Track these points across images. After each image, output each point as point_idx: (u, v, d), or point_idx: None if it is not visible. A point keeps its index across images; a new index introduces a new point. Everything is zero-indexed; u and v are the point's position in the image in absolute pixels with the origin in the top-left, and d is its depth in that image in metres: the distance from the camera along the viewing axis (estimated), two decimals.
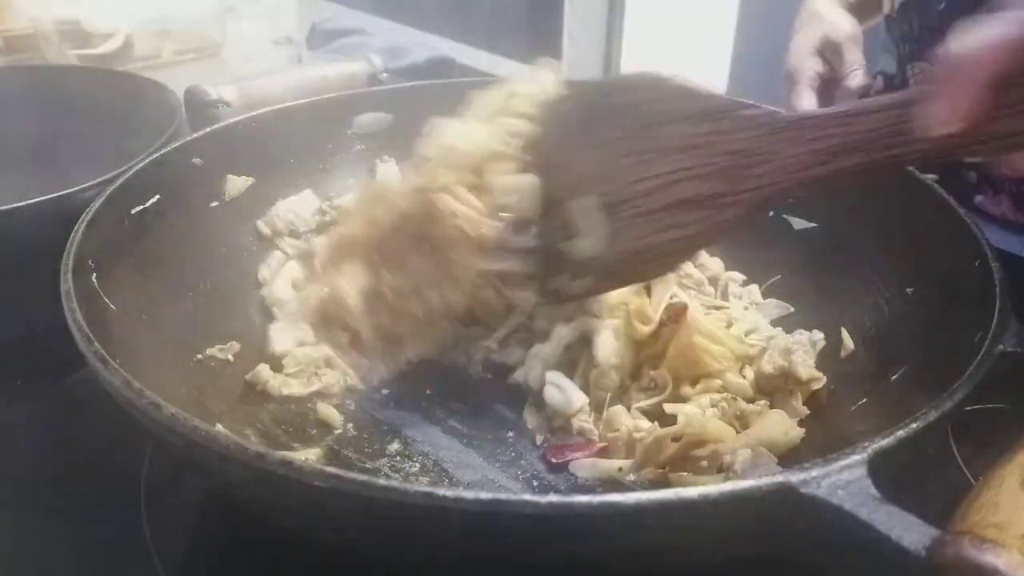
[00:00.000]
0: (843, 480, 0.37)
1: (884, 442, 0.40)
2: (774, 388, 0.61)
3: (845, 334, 0.64)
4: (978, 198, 0.85)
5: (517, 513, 0.37)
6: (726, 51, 2.45)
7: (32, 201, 0.67)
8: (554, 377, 0.62)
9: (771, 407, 0.60)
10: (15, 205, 0.67)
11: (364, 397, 0.65)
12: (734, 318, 0.68)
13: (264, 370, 0.64)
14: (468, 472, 0.58)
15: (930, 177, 0.64)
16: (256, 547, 0.54)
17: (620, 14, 2.28)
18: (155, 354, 0.57)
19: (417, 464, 0.59)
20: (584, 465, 0.58)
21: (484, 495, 0.36)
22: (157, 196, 0.65)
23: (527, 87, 0.64)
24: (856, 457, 0.38)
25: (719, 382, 0.62)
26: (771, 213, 0.75)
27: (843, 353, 0.64)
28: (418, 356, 0.66)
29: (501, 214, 0.61)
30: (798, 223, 0.74)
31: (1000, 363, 0.46)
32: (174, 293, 0.64)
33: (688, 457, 0.55)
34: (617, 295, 0.63)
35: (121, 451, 0.60)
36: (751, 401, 0.61)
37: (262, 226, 0.74)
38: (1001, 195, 0.85)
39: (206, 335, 0.65)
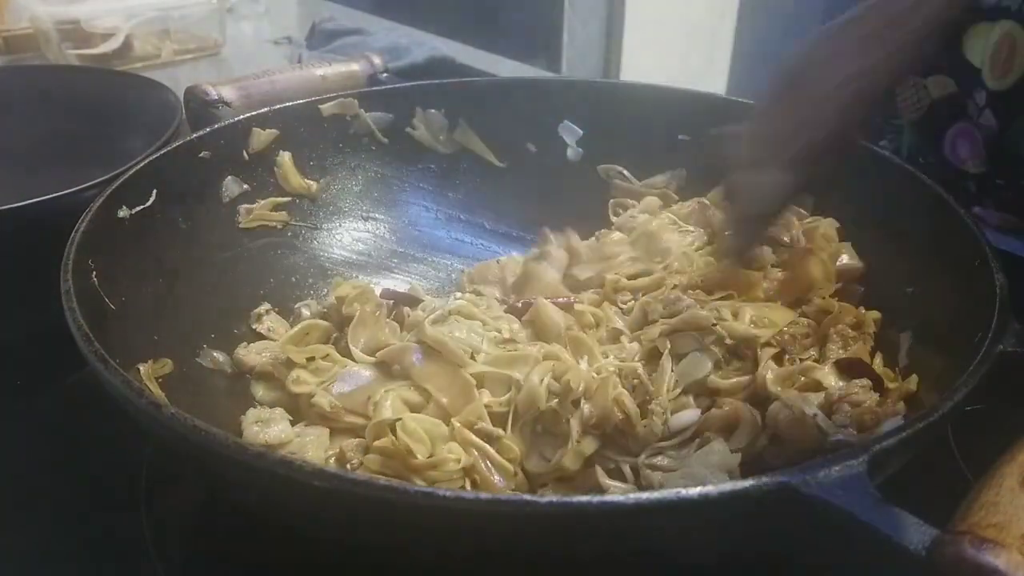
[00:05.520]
0: (843, 480, 0.37)
1: (884, 442, 0.40)
2: None
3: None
4: (977, 209, 0.86)
5: (517, 513, 0.37)
6: (726, 51, 2.46)
7: (32, 201, 0.67)
8: None
9: None
10: (15, 205, 0.67)
11: None
12: None
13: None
14: None
15: None
16: (256, 547, 0.54)
17: (620, 14, 2.28)
18: (155, 354, 0.57)
19: None
20: None
21: (484, 495, 0.37)
22: (157, 196, 0.65)
23: None
24: (856, 457, 0.38)
25: None
26: None
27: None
28: None
29: None
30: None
31: (1000, 363, 0.46)
32: (174, 293, 0.64)
33: None
34: None
35: (121, 451, 0.60)
36: None
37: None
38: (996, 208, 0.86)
39: (206, 336, 0.65)
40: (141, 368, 0.54)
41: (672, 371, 0.59)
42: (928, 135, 0.87)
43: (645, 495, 0.37)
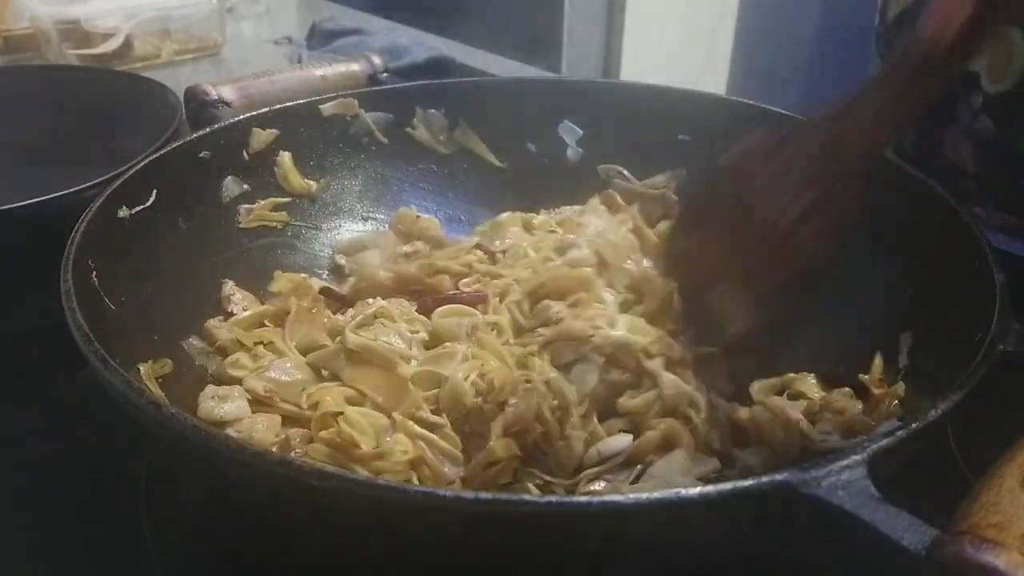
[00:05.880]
0: (843, 480, 0.37)
1: (884, 442, 0.40)
2: None
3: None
4: (977, 209, 0.86)
5: (517, 513, 0.37)
6: (726, 51, 2.46)
7: (32, 201, 0.67)
8: None
9: None
10: (15, 205, 0.67)
11: None
12: None
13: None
14: None
15: None
16: (256, 547, 0.54)
17: (620, 14, 2.28)
18: (155, 354, 0.57)
19: None
20: None
21: (484, 495, 0.36)
22: (157, 196, 0.65)
23: None
24: (856, 457, 0.38)
25: None
26: None
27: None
28: None
29: None
30: None
31: (1000, 363, 0.46)
32: (174, 293, 0.64)
33: None
34: None
35: (121, 451, 0.60)
36: None
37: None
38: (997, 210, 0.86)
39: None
40: (141, 368, 0.55)
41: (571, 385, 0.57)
42: (928, 135, 0.87)
43: (645, 495, 0.36)
